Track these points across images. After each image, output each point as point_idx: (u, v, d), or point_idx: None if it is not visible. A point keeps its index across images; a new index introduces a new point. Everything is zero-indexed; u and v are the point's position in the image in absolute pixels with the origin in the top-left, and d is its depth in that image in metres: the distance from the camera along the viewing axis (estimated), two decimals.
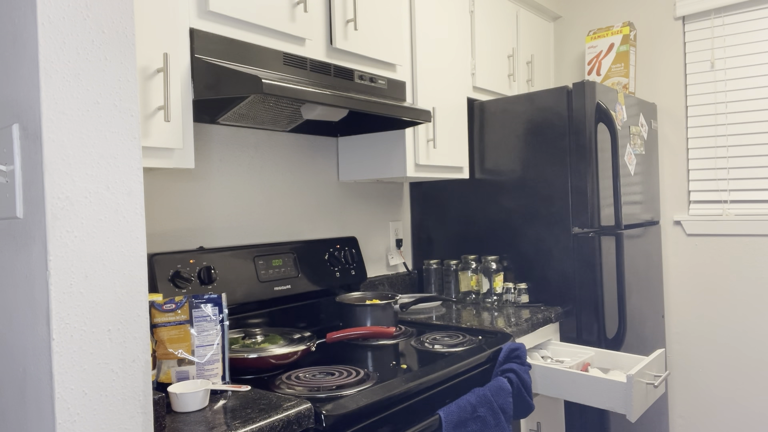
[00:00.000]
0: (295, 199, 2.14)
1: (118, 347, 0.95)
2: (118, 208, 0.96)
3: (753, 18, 2.63)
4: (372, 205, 2.48)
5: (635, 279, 2.48)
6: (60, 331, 0.88)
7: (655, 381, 1.64)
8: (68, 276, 0.89)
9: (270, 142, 2.06)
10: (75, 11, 0.91)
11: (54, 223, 0.88)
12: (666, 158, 2.86)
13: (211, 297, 1.39)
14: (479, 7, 2.46)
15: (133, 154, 0.98)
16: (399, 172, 2.10)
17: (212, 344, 1.36)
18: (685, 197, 2.82)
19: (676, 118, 2.83)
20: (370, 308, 1.90)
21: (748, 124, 2.66)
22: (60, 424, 0.88)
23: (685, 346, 2.83)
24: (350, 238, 2.23)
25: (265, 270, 1.88)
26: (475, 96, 2.44)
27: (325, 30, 1.78)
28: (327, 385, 1.38)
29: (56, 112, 0.88)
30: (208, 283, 1.70)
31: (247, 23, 1.55)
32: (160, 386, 1.30)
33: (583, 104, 2.17)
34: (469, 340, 1.80)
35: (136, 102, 0.98)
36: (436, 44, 2.21)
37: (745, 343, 2.67)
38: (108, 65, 0.95)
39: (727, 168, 2.71)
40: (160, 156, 1.37)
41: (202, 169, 1.84)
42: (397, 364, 1.60)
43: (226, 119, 1.75)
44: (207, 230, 1.85)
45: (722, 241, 2.72)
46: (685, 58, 2.82)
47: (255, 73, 1.42)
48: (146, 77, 1.32)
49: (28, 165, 0.91)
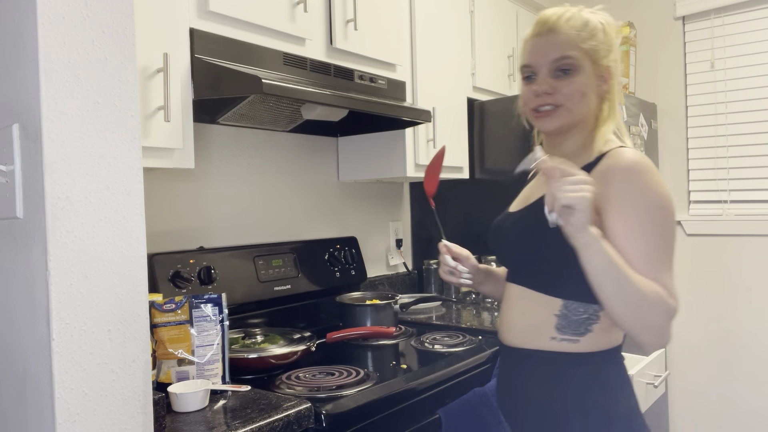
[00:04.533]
0: (295, 199, 2.14)
1: (118, 347, 0.95)
2: (118, 208, 0.96)
3: (753, 18, 2.63)
4: (372, 205, 2.48)
5: None
6: (60, 331, 0.88)
7: (655, 381, 1.64)
8: (68, 276, 0.89)
9: (270, 142, 2.05)
10: (75, 11, 0.91)
11: (54, 223, 0.88)
12: (666, 158, 2.86)
13: (211, 297, 1.39)
14: (479, 7, 2.46)
15: (133, 154, 0.98)
16: (399, 172, 2.10)
17: (212, 344, 1.36)
18: (685, 197, 2.82)
19: (676, 118, 2.83)
20: (370, 308, 1.90)
21: (748, 124, 2.66)
22: (60, 424, 0.88)
23: (685, 346, 2.83)
24: (350, 238, 2.23)
25: (265, 270, 1.88)
26: (475, 96, 2.44)
27: (325, 30, 1.78)
28: (327, 385, 1.38)
29: (56, 112, 0.88)
30: (208, 283, 1.70)
31: (247, 23, 1.55)
32: (160, 386, 1.30)
33: None
34: (469, 340, 1.80)
35: (136, 102, 0.98)
36: (436, 44, 2.21)
37: (745, 343, 2.67)
38: (108, 65, 0.95)
39: (727, 168, 2.71)
40: (160, 156, 1.37)
41: (202, 169, 1.84)
42: (397, 364, 1.60)
43: (226, 119, 1.75)
44: (207, 230, 1.85)
45: (722, 241, 2.72)
46: (685, 58, 2.81)
47: (255, 73, 1.42)
48: (146, 77, 1.32)
49: (28, 165, 0.91)
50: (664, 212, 0.99)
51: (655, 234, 0.98)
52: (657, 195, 0.99)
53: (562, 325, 1.06)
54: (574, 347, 1.06)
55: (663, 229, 0.99)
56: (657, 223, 0.98)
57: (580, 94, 1.08)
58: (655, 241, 0.98)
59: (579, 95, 1.08)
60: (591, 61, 1.09)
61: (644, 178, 1.00)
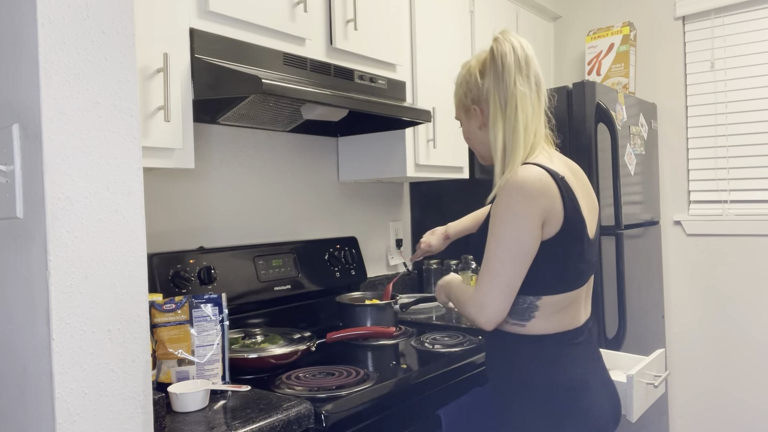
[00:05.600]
0: (295, 199, 2.14)
1: (118, 347, 0.95)
2: (118, 208, 0.96)
3: (753, 18, 2.63)
4: (372, 205, 2.48)
5: (635, 279, 2.48)
6: (60, 331, 0.88)
7: (655, 381, 1.64)
8: (68, 276, 0.89)
9: (270, 142, 2.05)
10: (75, 11, 0.91)
11: (54, 223, 0.88)
12: (666, 158, 2.86)
13: (211, 297, 1.39)
14: (479, 7, 2.46)
15: (133, 154, 0.98)
16: (399, 172, 2.10)
17: (212, 344, 1.36)
18: (685, 197, 2.82)
19: (676, 118, 2.83)
20: (370, 308, 1.90)
21: (748, 124, 2.65)
22: (60, 424, 0.88)
23: (685, 346, 2.83)
24: (350, 238, 2.23)
25: (265, 270, 1.88)
26: None
27: (325, 30, 1.78)
28: (327, 385, 1.38)
29: (56, 112, 0.88)
30: (208, 283, 1.70)
31: (247, 23, 1.55)
32: (160, 386, 1.30)
33: (583, 104, 2.17)
34: (468, 340, 1.80)
35: (136, 102, 0.98)
36: (436, 44, 2.21)
37: (745, 343, 2.67)
38: (108, 65, 0.95)
39: (727, 168, 2.71)
40: (160, 156, 1.37)
41: (202, 169, 1.84)
42: (397, 364, 1.60)
43: (226, 119, 1.75)
44: (207, 230, 1.85)
45: (722, 241, 2.72)
46: (685, 58, 2.81)
47: (255, 73, 1.42)
48: (146, 77, 1.32)
49: (28, 165, 0.91)
50: (502, 226, 1.20)
51: (491, 243, 1.22)
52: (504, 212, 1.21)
53: (511, 312, 1.28)
54: (522, 330, 1.28)
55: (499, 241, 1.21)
56: (496, 236, 1.21)
57: (467, 138, 1.42)
58: (489, 249, 1.22)
59: (466, 139, 1.43)
60: (464, 110, 1.39)
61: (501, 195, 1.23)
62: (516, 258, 1.19)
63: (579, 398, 1.24)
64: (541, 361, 1.26)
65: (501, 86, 1.28)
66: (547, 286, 1.24)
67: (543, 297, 1.25)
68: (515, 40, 1.29)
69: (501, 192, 1.22)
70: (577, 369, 1.26)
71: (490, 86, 1.29)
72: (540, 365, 1.26)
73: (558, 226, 1.21)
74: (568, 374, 1.25)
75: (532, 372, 1.26)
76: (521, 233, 1.19)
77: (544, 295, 1.25)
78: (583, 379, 1.26)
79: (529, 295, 1.25)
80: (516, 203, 1.19)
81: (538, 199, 1.19)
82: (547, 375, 1.25)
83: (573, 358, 1.27)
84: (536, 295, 1.25)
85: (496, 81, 1.28)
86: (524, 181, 1.19)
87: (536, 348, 1.27)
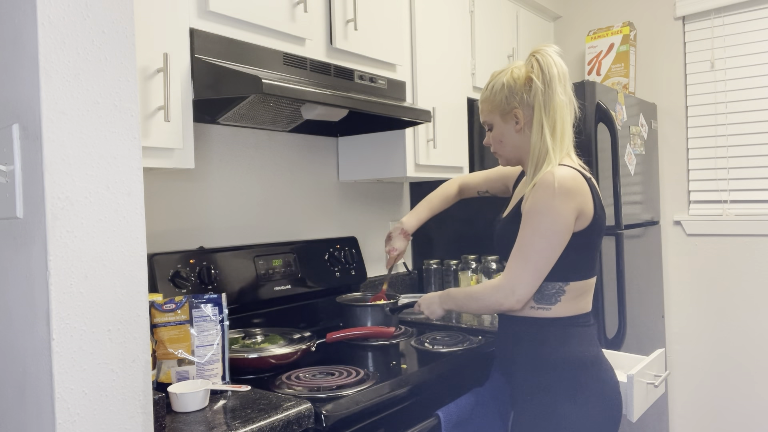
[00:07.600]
0: (295, 199, 2.14)
1: (118, 347, 0.95)
2: (118, 208, 0.96)
3: (753, 18, 2.63)
4: (372, 205, 2.48)
5: (635, 279, 2.48)
6: (60, 331, 0.88)
7: (655, 381, 1.64)
8: (68, 276, 0.89)
9: (270, 142, 2.05)
10: (75, 11, 0.91)
11: (54, 223, 0.88)
12: (666, 158, 2.86)
13: (211, 297, 1.39)
14: (479, 7, 2.46)
15: (133, 154, 0.98)
16: (399, 172, 2.10)
17: (212, 344, 1.36)
18: (685, 197, 2.82)
19: (676, 118, 2.83)
20: (370, 308, 1.90)
21: (748, 124, 2.66)
22: (60, 424, 0.88)
23: (685, 346, 2.83)
24: (350, 238, 2.23)
25: (265, 270, 1.88)
26: (475, 96, 2.44)
27: (325, 30, 1.78)
28: (327, 385, 1.38)
29: (56, 112, 0.88)
30: (208, 283, 1.70)
31: (247, 23, 1.55)
32: (160, 386, 1.30)
33: (583, 104, 2.17)
34: (468, 340, 1.80)
35: (136, 102, 0.98)
36: (436, 44, 2.21)
37: (745, 343, 2.67)
38: (108, 65, 0.95)
39: (727, 168, 2.71)
40: (160, 156, 1.37)
41: (202, 169, 1.84)
42: (397, 364, 1.60)
43: (226, 119, 1.75)
44: (207, 230, 1.85)
45: (722, 241, 2.72)
46: (685, 58, 2.81)
47: (255, 73, 1.42)
48: (146, 77, 1.32)
49: (28, 165, 0.91)
50: (539, 217, 1.33)
51: (527, 232, 1.35)
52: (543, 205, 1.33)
53: (537, 298, 1.41)
54: (547, 313, 1.41)
55: (535, 231, 1.33)
56: (532, 226, 1.34)
57: (497, 142, 1.51)
58: (524, 237, 1.35)
59: (497, 142, 1.51)
60: (500, 114, 1.47)
61: (539, 191, 1.35)
62: (549, 247, 1.33)
63: (605, 369, 1.42)
64: (569, 339, 1.40)
65: (548, 93, 1.40)
66: (576, 272, 1.40)
67: (570, 282, 1.40)
68: (555, 56, 1.43)
69: (539, 188, 1.35)
70: (593, 347, 1.43)
71: (537, 92, 1.41)
72: (569, 347, 1.40)
73: (588, 220, 1.37)
74: (592, 350, 1.41)
75: (564, 352, 1.39)
76: (558, 226, 1.32)
77: (572, 281, 1.40)
78: (597, 354, 1.43)
79: (558, 281, 1.39)
80: (555, 199, 1.32)
81: (575, 197, 1.34)
82: (579, 354, 1.39)
83: (589, 337, 1.43)
84: (565, 281, 1.39)
85: (544, 88, 1.41)
86: (563, 180, 1.33)
87: (563, 332, 1.41)
